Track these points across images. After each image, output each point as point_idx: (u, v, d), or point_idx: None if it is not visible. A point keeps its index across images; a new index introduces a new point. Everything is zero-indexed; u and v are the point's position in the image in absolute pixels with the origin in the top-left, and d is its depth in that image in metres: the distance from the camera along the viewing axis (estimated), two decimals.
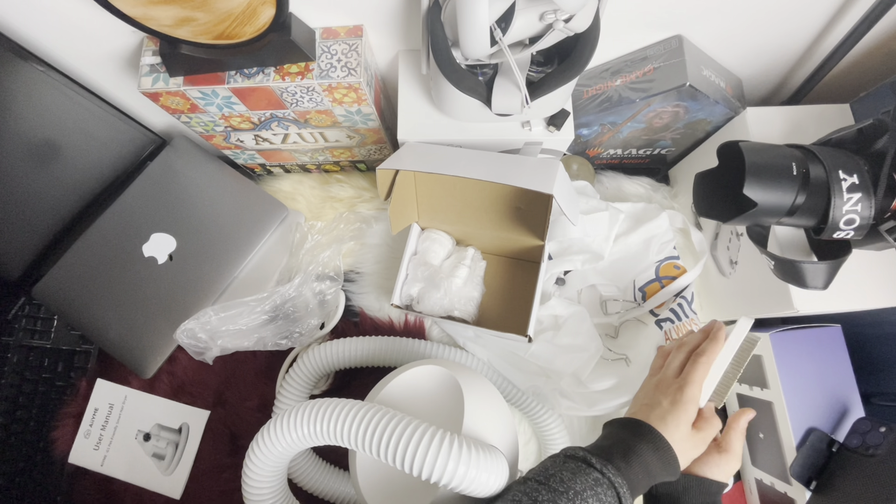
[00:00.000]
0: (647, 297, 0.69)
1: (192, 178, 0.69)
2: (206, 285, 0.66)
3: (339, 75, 0.53)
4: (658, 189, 0.76)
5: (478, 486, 0.39)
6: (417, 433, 0.40)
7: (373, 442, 0.41)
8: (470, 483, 0.39)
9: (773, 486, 0.62)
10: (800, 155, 0.47)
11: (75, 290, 0.66)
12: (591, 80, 0.64)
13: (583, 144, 0.71)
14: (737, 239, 0.62)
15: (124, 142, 0.68)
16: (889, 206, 0.45)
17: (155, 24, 0.47)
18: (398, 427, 0.40)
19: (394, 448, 0.40)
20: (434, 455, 0.38)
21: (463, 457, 0.39)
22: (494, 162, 0.56)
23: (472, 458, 0.39)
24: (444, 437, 0.40)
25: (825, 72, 0.57)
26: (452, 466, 0.38)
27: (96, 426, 0.69)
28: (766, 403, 0.61)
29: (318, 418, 0.43)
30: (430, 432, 0.40)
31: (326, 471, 0.64)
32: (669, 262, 0.69)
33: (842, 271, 0.48)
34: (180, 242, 0.67)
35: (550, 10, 0.42)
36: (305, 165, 0.77)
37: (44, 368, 0.70)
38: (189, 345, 0.62)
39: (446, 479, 0.39)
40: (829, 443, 0.56)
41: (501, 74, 0.52)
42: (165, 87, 0.55)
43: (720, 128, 0.65)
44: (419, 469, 0.39)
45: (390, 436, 0.40)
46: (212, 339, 0.63)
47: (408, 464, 0.39)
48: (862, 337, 0.61)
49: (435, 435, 0.40)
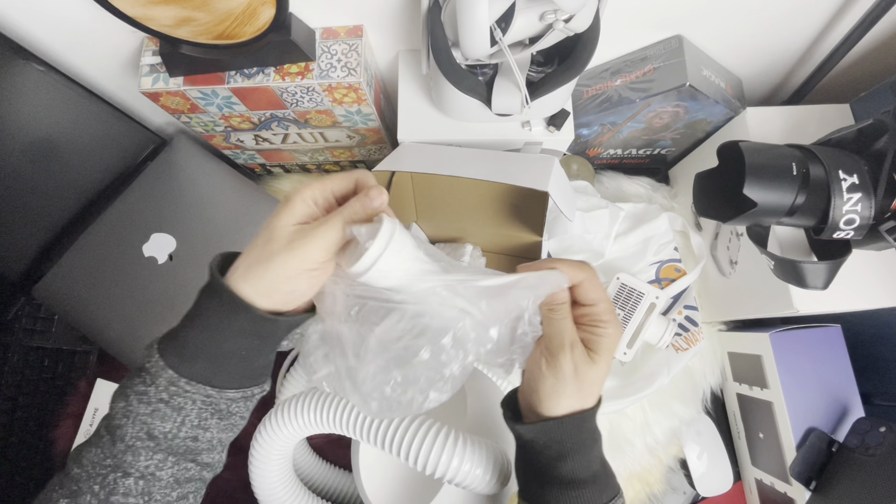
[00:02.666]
0: None
1: (192, 178, 0.69)
2: None
3: (339, 75, 0.53)
4: (658, 189, 0.76)
5: (472, 480, 0.40)
6: (414, 424, 0.41)
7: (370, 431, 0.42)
8: (464, 476, 0.40)
9: (773, 486, 0.62)
10: (800, 155, 0.47)
11: (75, 289, 0.66)
12: (591, 80, 0.64)
13: (583, 144, 0.71)
14: (737, 239, 0.62)
15: (124, 142, 0.68)
16: (889, 206, 0.45)
17: (155, 24, 0.47)
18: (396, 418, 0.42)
19: (391, 437, 0.41)
20: (429, 446, 0.40)
21: (457, 450, 0.40)
22: (490, 160, 0.56)
23: (465, 452, 0.40)
24: (439, 429, 0.41)
25: (825, 72, 0.57)
26: (446, 459, 0.40)
27: (96, 426, 0.69)
28: (766, 403, 0.61)
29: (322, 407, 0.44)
30: (426, 424, 0.41)
31: (328, 470, 0.64)
32: (671, 264, 0.69)
33: (842, 271, 0.48)
34: (180, 242, 0.67)
35: (550, 10, 0.42)
36: (305, 165, 0.77)
37: (44, 368, 0.70)
38: None
39: (440, 471, 0.40)
40: (829, 443, 0.56)
41: (501, 74, 0.51)
42: (165, 87, 0.55)
43: (720, 128, 0.65)
44: (414, 459, 0.40)
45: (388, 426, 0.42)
46: None
47: (403, 453, 0.41)
48: (862, 337, 0.61)
49: (431, 427, 0.41)
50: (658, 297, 0.63)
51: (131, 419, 0.31)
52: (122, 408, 0.32)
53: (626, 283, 0.64)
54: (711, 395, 0.70)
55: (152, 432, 0.31)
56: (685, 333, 0.65)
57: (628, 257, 0.70)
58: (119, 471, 0.31)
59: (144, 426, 0.31)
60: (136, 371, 0.33)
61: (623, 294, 0.64)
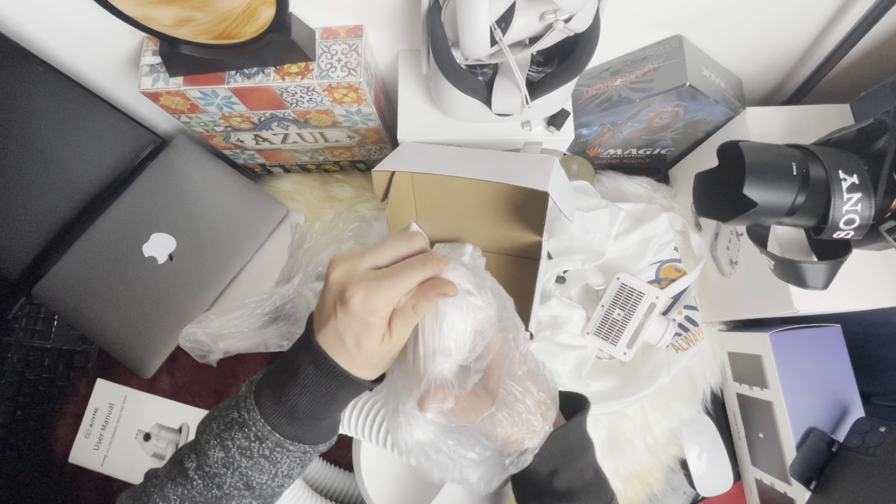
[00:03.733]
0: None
1: (192, 178, 0.69)
2: (206, 285, 0.66)
3: (339, 75, 0.53)
4: (658, 189, 0.76)
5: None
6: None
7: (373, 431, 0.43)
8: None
9: (773, 486, 0.62)
10: (800, 155, 0.47)
11: (75, 290, 0.66)
12: (591, 80, 0.64)
13: (583, 144, 0.71)
14: (737, 239, 0.62)
15: (124, 142, 0.68)
16: (889, 206, 0.45)
17: (155, 24, 0.47)
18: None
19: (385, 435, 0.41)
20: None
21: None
22: (490, 160, 0.56)
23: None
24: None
25: (825, 72, 0.57)
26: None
27: (96, 426, 0.69)
28: (766, 403, 0.61)
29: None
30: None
31: (328, 470, 0.64)
32: (671, 264, 0.69)
33: (842, 271, 0.48)
34: (180, 242, 0.67)
35: (550, 10, 0.42)
36: (305, 165, 0.77)
37: (44, 368, 0.70)
38: (192, 348, 0.63)
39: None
40: (829, 443, 0.56)
41: (501, 74, 0.52)
42: (165, 87, 0.55)
43: (720, 128, 0.65)
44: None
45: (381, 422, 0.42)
46: (214, 342, 0.63)
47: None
48: (862, 337, 0.61)
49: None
50: (658, 298, 0.63)
51: (231, 470, 0.34)
52: (221, 458, 0.34)
53: (626, 283, 0.65)
54: (711, 395, 0.70)
55: (250, 483, 0.34)
56: (685, 333, 0.65)
57: (628, 257, 0.70)
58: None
59: (244, 478, 0.34)
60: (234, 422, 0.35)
61: (623, 294, 0.64)
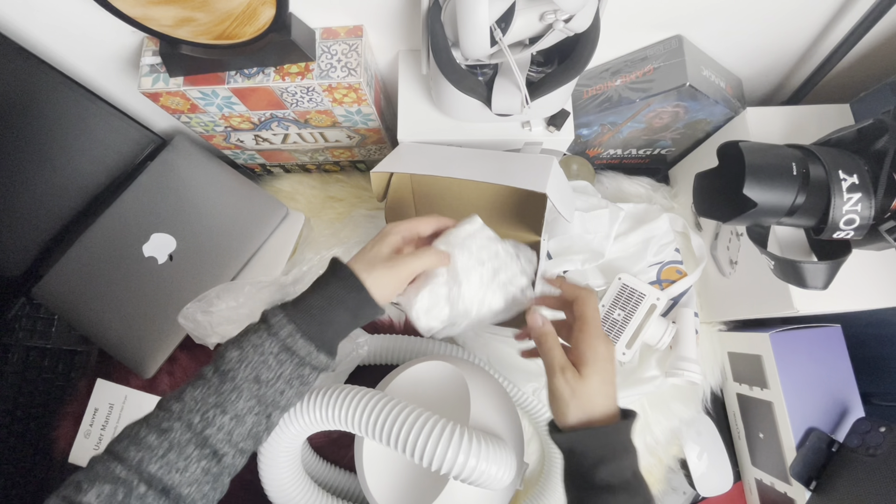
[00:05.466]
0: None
1: (192, 178, 0.69)
2: (206, 285, 0.66)
3: (339, 75, 0.53)
4: (658, 189, 0.76)
5: (487, 479, 0.40)
6: (429, 424, 0.40)
7: (383, 430, 0.41)
8: (480, 475, 0.39)
9: (773, 486, 0.62)
10: (800, 155, 0.47)
11: (75, 290, 0.66)
12: (591, 80, 0.64)
13: (583, 144, 0.71)
14: (737, 239, 0.62)
15: (124, 142, 0.68)
16: (889, 206, 0.45)
17: (155, 24, 0.47)
18: (409, 417, 0.41)
19: (404, 438, 0.40)
20: (445, 446, 0.39)
21: (473, 449, 0.39)
22: (488, 160, 0.56)
23: (481, 451, 0.40)
24: (454, 428, 0.40)
25: (825, 72, 0.57)
26: (462, 459, 0.39)
27: (96, 426, 0.69)
28: (766, 403, 0.61)
29: (330, 404, 0.44)
30: (440, 424, 0.40)
31: (328, 470, 0.64)
32: (672, 265, 0.69)
33: (842, 271, 0.48)
34: (180, 242, 0.67)
35: (550, 10, 0.42)
36: (305, 165, 0.77)
37: (44, 368, 0.70)
38: (190, 328, 0.62)
39: (456, 471, 0.39)
40: (829, 443, 0.56)
41: (501, 74, 0.52)
42: (165, 88, 0.55)
43: (720, 128, 0.65)
44: (429, 460, 0.39)
45: (401, 425, 0.41)
46: (211, 326, 0.62)
47: (418, 454, 0.39)
48: (862, 337, 0.61)
49: (446, 427, 0.40)
50: (659, 299, 0.63)
51: (244, 364, 0.37)
52: (236, 356, 0.38)
53: (627, 284, 0.65)
54: (711, 395, 0.70)
55: (259, 376, 0.38)
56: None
57: (628, 257, 0.70)
58: (219, 408, 0.37)
59: (254, 371, 0.37)
60: (250, 328, 0.39)
61: (624, 294, 0.64)
